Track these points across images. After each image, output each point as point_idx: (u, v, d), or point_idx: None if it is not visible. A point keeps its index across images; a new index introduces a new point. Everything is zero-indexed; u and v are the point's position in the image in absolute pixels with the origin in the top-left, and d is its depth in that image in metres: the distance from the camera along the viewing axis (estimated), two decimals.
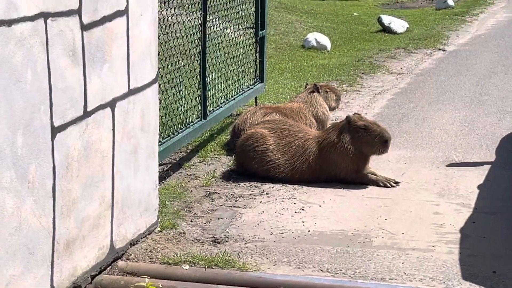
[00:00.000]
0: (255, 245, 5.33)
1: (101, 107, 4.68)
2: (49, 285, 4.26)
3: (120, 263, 4.95)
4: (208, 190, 6.51)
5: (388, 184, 6.68)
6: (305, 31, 16.09)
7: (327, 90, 8.38)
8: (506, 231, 5.67)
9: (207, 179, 6.78)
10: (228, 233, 5.54)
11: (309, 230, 5.65)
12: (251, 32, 8.88)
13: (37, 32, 4.04)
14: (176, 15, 7.01)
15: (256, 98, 9.13)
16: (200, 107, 7.39)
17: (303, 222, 5.81)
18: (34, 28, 4.02)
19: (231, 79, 8.48)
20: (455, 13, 21.10)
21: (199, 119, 7.33)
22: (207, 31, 7.51)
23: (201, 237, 5.45)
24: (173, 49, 6.95)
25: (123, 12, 4.88)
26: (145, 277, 4.78)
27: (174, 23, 6.92)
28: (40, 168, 4.11)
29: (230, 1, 8.45)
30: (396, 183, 6.73)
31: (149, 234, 5.37)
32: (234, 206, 6.13)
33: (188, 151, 7.65)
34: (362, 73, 12.20)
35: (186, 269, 4.88)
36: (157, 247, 5.21)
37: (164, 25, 6.62)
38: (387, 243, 5.43)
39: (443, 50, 14.88)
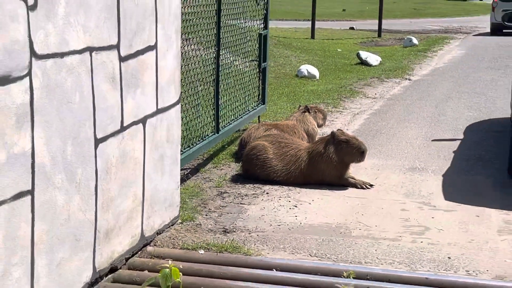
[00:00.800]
0: (257, 235, 5.37)
1: (135, 123, 4.70)
2: (91, 265, 4.27)
3: (149, 248, 4.97)
4: (220, 190, 6.55)
5: (365, 187, 6.71)
6: (298, 64, 16.14)
7: (316, 110, 8.44)
8: (458, 225, 5.68)
9: (219, 181, 6.81)
10: (235, 225, 5.57)
11: (300, 223, 5.68)
12: (255, 64, 8.94)
13: (84, 63, 4.07)
14: (195, 49, 7.07)
15: (259, 116, 9.18)
16: (214, 124, 7.44)
17: (296, 216, 5.84)
18: (82, 59, 4.04)
19: (239, 101, 8.51)
20: (419, 50, 21.17)
21: (213, 133, 7.38)
22: (220, 63, 7.55)
23: (213, 228, 5.48)
24: (192, 77, 6.98)
25: (153, 47, 4.90)
26: (168, 260, 4.79)
27: (193, 56, 6.95)
28: (85, 172, 4.13)
29: (238, 39, 8.49)
30: (371, 185, 6.76)
31: (172, 225, 5.39)
32: (240, 203, 6.16)
33: (204, 158, 7.68)
34: (344, 97, 12.26)
35: (201, 253, 4.90)
36: (179, 236, 5.23)
37: (186, 57, 6.65)
38: (364, 233, 5.46)
39: (409, 80, 14.95)
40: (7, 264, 3.49)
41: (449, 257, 4.96)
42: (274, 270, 4.65)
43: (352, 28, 30.16)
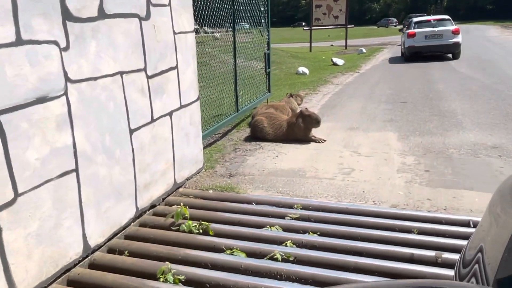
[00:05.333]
0: (249, 177, 4.41)
1: (163, 116, 3.74)
2: (134, 207, 3.41)
3: (180, 189, 4.08)
4: (235, 147, 5.59)
5: (320, 141, 5.66)
6: (298, 66, 14.82)
7: (296, 96, 7.37)
8: (373, 167, 4.60)
9: (236, 141, 5.85)
10: (238, 171, 4.63)
11: (277, 168, 4.68)
12: (263, 69, 7.75)
13: (116, 82, 3.11)
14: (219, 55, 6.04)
15: (267, 100, 8.06)
16: (235, 106, 6.39)
17: (275, 163, 4.85)
18: (114, 80, 3.09)
19: (254, 91, 7.44)
20: (366, 55, 19.47)
21: (235, 112, 6.34)
22: (237, 65, 6.45)
23: (224, 173, 4.55)
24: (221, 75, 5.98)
25: (175, 67, 3.90)
26: (191, 196, 3.92)
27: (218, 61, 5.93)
28: (123, 151, 3.22)
29: (249, 49, 7.29)
30: (324, 140, 5.69)
31: (198, 173, 4.48)
32: (245, 155, 5.19)
33: (231, 127, 6.69)
34: (320, 85, 10.98)
35: (211, 192, 3.98)
36: (201, 180, 4.32)
37: (216, 60, 5.64)
38: (313, 175, 4.43)
39: (358, 72, 13.47)
40: (57, 218, 2.64)
41: (363, 191, 3.93)
42: (253, 203, 3.72)
43: (332, 45, 28.34)
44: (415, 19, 16.47)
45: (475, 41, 22.79)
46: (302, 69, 13.73)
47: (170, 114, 3.86)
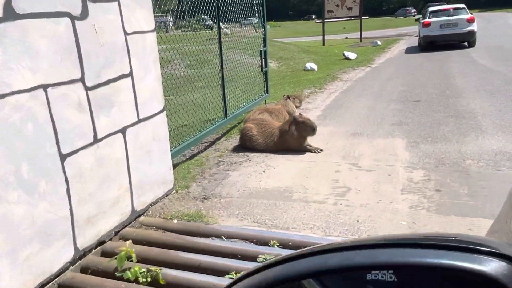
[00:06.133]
0: (225, 200, 3.74)
1: (112, 134, 3.11)
2: (72, 248, 2.79)
3: (141, 218, 3.44)
4: (219, 159, 4.91)
5: (317, 151, 4.94)
6: (307, 61, 14.01)
7: (294, 97, 6.54)
8: (373, 184, 3.89)
9: (222, 152, 5.19)
10: (215, 191, 3.96)
11: (260, 187, 4.00)
12: (259, 68, 7.02)
13: (35, 98, 2.48)
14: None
15: (265, 101, 7.38)
16: (223, 111, 5.71)
17: (260, 181, 4.17)
18: (32, 95, 2.45)
19: (248, 92, 6.77)
20: (381, 48, 18.52)
21: (222, 118, 5.68)
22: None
23: (198, 195, 3.89)
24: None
25: (128, 75, 3.25)
26: (152, 227, 3.29)
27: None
28: (51, 182, 2.60)
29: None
30: (321, 150, 4.97)
31: (166, 196, 3.83)
32: (228, 170, 4.52)
33: (221, 134, 6.04)
34: (327, 82, 10.20)
35: (175, 222, 3.34)
36: (168, 205, 3.67)
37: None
38: (301, 196, 3.73)
39: (370, 67, 12.60)
40: None
41: (357, 220, 3.19)
42: (223, 237, 3.07)
43: (346, 38, 27.34)
44: (431, 9, 16.00)
45: (497, 30, 21.51)
46: (310, 65, 12.93)
47: (123, 130, 3.22)
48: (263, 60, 7.00)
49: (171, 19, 5.29)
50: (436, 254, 0.55)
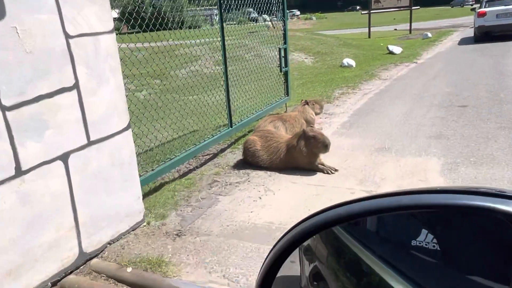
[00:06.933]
0: (200, 240, 3.03)
1: (46, 162, 2.49)
2: None
3: (93, 261, 2.83)
4: (215, 178, 4.21)
5: (330, 172, 4.13)
6: (345, 56, 12.96)
7: (314, 103, 5.67)
8: None
9: (221, 168, 4.49)
10: (193, 225, 3.27)
11: (249, 222, 3.26)
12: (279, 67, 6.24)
13: None
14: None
15: (286, 104, 6.62)
16: (227, 119, 5.02)
17: (251, 212, 3.44)
18: None
19: (264, 95, 6.06)
20: (431, 40, 17.01)
21: (227, 127, 4.99)
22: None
23: (173, 229, 3.21)
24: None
25: (72, 87, 2.61)
26: (103, 275, 2.66)
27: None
28: None
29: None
30: (336, 170, 4.16)
31: (133, 230, 3.19)
32: (219, 194, 3.82)
33: (226, 145, 5.33)
34: (363, 80, 9.19)
35: (128, 271, 2.68)
36: (131, 244, 3.02)
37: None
38: None
39: (415, 62, 11.39)
40: None
41: None
42: None
43: (395, 29, 25.69)
44: None
45: None
46: (348, 61, 11.90)
47: (63, 157, 2.59)
48: (283, 58, 6.21)
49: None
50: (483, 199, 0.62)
